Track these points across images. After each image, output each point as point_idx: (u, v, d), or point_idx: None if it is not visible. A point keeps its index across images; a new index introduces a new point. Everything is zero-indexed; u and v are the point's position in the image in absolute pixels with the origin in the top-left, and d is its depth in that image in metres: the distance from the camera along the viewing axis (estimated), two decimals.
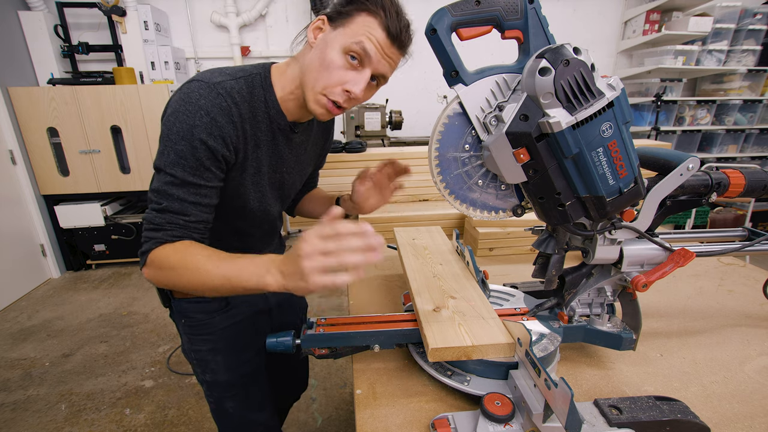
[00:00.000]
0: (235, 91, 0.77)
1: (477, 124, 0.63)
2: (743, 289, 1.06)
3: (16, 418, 1.91)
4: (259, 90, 0.82)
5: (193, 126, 0.72)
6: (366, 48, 0.73)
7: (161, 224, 0.73)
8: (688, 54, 3.72)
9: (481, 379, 0.67)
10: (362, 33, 0.73)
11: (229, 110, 0.75)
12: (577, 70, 0.54)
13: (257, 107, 0.81)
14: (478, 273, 0.88)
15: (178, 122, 0.72)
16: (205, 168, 0.74)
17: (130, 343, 2.47)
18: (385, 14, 0.73)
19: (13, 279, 3.07)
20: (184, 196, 0.73)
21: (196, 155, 0.73)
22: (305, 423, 1.83)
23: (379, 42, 0.74)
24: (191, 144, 0.72)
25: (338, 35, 0.75)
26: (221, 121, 0.74)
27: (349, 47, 0.73)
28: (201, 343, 1.01)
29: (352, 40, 0.73)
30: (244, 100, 0.79)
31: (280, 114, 0.84)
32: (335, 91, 0.76)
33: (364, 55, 0.74)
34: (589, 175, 0.58)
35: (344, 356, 0.75)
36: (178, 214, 0.74)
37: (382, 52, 0.75)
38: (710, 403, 0.66)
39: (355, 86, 0.75)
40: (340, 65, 0.75)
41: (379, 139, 3.37)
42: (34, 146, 3.16)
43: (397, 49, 0.76)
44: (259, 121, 0.83)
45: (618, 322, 0.74)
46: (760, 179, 0.72)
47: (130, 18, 3.32)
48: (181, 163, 0.72)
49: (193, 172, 0.73)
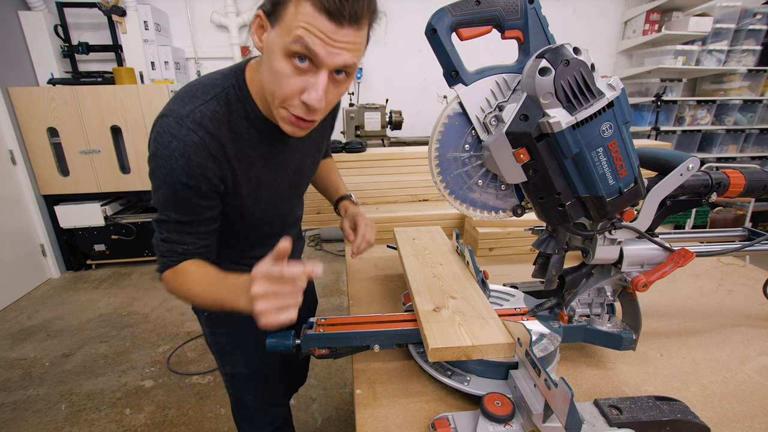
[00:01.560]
0: (207, 118, 0.70)
1: (477, 124, 0.63)
2: (743, 289, 1.06)
3: (16, 418, 1.91)
4: (236, 104, 0.74)
5: (171, 170, 0.69)
6: (307, 44, 0.59)
7: (164, 252, 0.77)
8: (688, 54, 3.72)
9: (481, 379, 0.67)
10: (298, 26, 0.58)
11: (203, 144, 0.70)
12: (577, 70, 0.54)
13: (238, 125, 0.75)
14: (478, 273, 0.88)
15: (157, 167, 0.70)
16: (194, 204, 0.74)
17: (130, 343, 2.47)
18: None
19: (13, 279, 3.07)
20: (180, 230, 0.76)
21: (182, 197, 0.72)
22: (305, 423, 1.83)
23: (322, 30, 0.58)
24: (174, 188, 0.71)
25: (276, 36, 0.62)
26: (197, 159, 0.70)
27: (289, 49, 0.60)
28: (222, 336, 1.02)
29: (289, 39, 0.59)
30: (222, 123, 0.72)
31: (265, 122, 0.78)
32: (294, 104, 0.66)
33: (310, 54, 0.60)
34: (589, 175, 0.58)
35: (344, 356, 0.75)
36: (177, 244, 0.77)
37: (330, 42, 0.59)
38: (710, 403, 0.66)
39: (310, 95, 0.63)
40: (288, 73, 0.62)
41: (379, 139, 3.38)
42: (34, 146, 3.16)
43: (348, 26, 0.59)
44: (244, 139, 0.76)
45: (618, 322, 0.74)
46: (760, 179, 0.72)
47: (130, 18, 3.32)
48: (170, 205, 0.73)
49: (183, 212, 0.74)
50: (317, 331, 0.73)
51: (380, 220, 1.47)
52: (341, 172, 1.68)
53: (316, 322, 0.76)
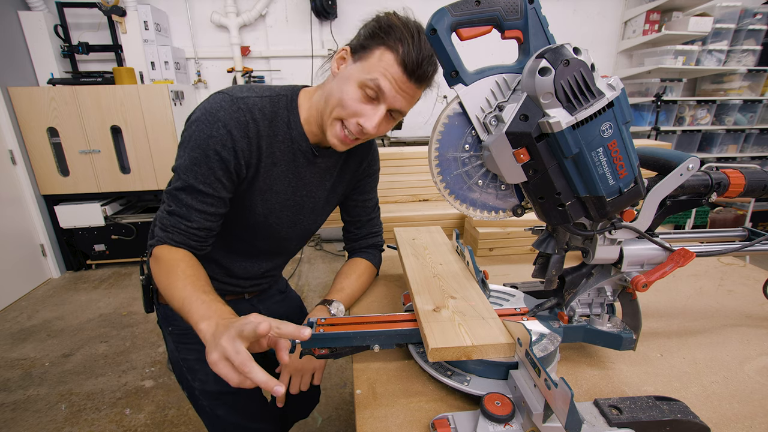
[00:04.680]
0: (257, 108, 0.80)
1: (477, 124, 0.63)
2: (743, 289, 1.06)
3: (16, 418, 1.91)
4: (283, 111, 0.84)
5: (209, 136, 0.75)
6: (380, 85, 0.74)
7: (167, 226, 0.79)
8: (688, 54, 3.72)
9: (481, 379, 0.67)
10: (378, 69, 0.73)
11: (246, 125, 0.78)
12: (577, 70, 0.54)
13: (279, 127, 0.84)
14: (478, 273, 0.88)
15: (197, 131, 0.76)
16: (216, 178, 0.78)
17: (130, 343, 2.47)
18: (403, 49, 0.73)
19: (13, 279, 3.07)
20: (191, 203, 0.78)
21: (209, 164, 0.77)
22: (305, 423, 1.83)
23: (395, 78, 0.74)
24: (205, 153, 0.76)
25: (357, 69, 0.76)
26: (236, 134, 0.77)
27: (365, 83, 0.74)
28: (188, 351, 1.01)
29: (368, 76, 0.74)
30: (265, 118, 0.81)
31: (302, 136, 0.86)
32: (350, 122, 0.78)
33: (379, 92, 0.75)
34: (589, 175, 0.58)
35: (344, 356, 0.75)
36: (182, 219, 0.79)
37: (397, 88, 0.75)
38: (710, 403, 0.66)
39: (368, 121, 0.77)
40: (356, 98, 0.76)
41: (379, 139, 3.38)
42: (34, 146, 3.16)
43: (414, 83, 0.76)
44: (278, 141, 0.84)
45: (618, 322, 0.74)
46: (760, 179, 0.72)
47: (130, 18, 3.32)
48: (194, 170, 0.77)
49: (203, 180, 0.78)
50: (317, 331, 0.73)
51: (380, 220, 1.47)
52: None
53: (316, 322, 0.76)
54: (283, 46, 3.89)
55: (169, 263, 0.76)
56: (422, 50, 0.73)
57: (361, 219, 1.08)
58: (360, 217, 1.08)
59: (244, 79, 3.75)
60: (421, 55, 0.73)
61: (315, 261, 3.72)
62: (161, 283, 0.76)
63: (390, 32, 0.74)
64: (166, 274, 0.75)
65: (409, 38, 0.73)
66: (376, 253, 1.11)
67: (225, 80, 3.90)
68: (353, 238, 1.10)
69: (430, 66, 0.75)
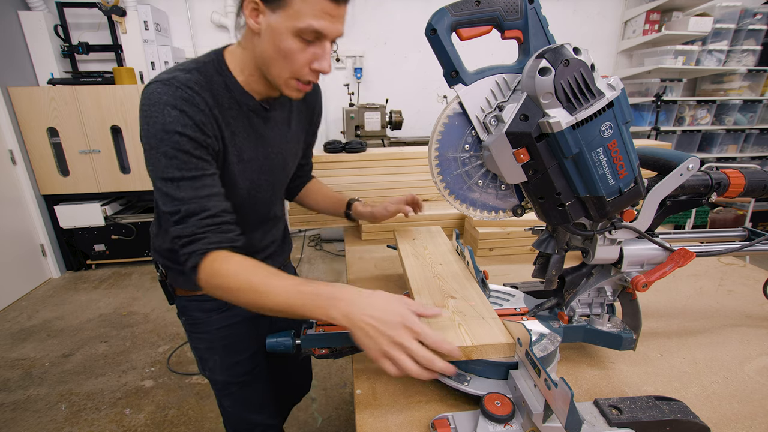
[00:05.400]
0: (192, 81, 0.74)
1: (477, 124, 0.63)
2: (743, 289, 1.06)
3: (16, 418, 1.91)
4: (216, 77, 0.79)
5: (165, 124, 0.70)
6: (316, 28, 0.69)
7: (194, 233, 0.71)
8: (688, 54, 3.72)
9: (481, 379, 0.67)
10: (307, 12, 0.68)
11: (191, 99, 0.73)
12: (577, 70, 0.54)
13: (219, 93, 0.79)
14: (478, 273, 0.88)
15: (151, 128, 0.70)
16: (196, 158, 0.73)
17: (130, 343, 2.47)
18: None
19: (13, 279, 3.07)
20: (193, 193, 0.72)
21: (182, 148, 0.71)
22: (305, 423, 1.83)
23: (326, 11, 0.69)
24: (171, 140, 0.70)
25: (282, 19, 0.69)
26: (189, 110, 0.72)
27: (299, 31, 0.69)
28: (198, 341, 1.02)
29: (300, 24, 0.69)
30: (203, 89, 0.76)
31: (246, 95, 0.82)
32: (303, 72, 0.75)
33: (318, 35, 0.71)
34: (589, 175, 0.58)
35: (344, 356, 0.75)
36: (199, 214, 0.72)
37: (332, 20, 0.71)
38: (710, 403, 0.66)
39: (322, 63, 0.74)
40: (298, 49, 0.72)
41: (379, 139, 3.38)
42: (34, 146, 3.16)
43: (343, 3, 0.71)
44: (226, 108, 0.80)
45: (618, 322, 0.74)
46: (760, 179, 0.72)
47: (130, 18, 3.32)
48: (173, 163, 0.71)
49: (187, 166, 0.71)
50: (317, 331, 0.73)
51: None
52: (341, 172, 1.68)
53: (316, 322, 0.76)
54: None
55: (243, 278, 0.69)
56: None
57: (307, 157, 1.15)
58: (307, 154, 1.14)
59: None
60: None
61: (315, 261, 3.72)
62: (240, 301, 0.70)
63: None
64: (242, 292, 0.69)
65: None
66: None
67: None
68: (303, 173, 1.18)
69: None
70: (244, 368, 1.05)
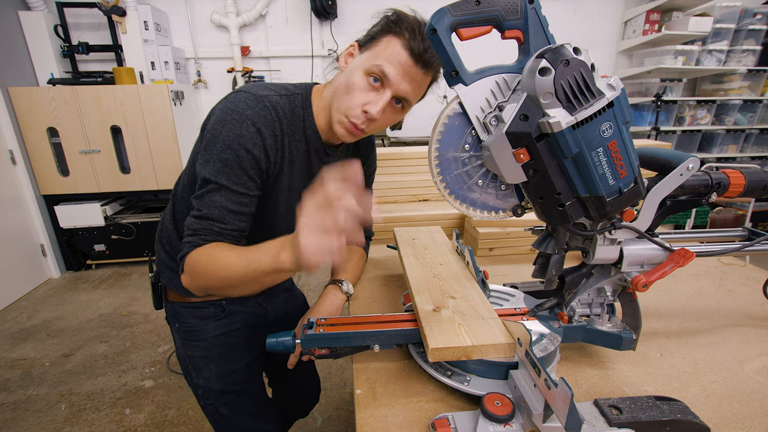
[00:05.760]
0: (279, 106, 0.80)
1: (477, 124, 0.63)
2: (743, 289, 1.06)
3: (16, 418, 1.91)
4: (299, 109, 0.85)
5: (239, 135, 0.74)
6: (384, 70, 0.75)
7: (197, 230, 0.75)
8: (688, 54, 3.72)
9: (481, 379, 0.67)
10: (384, 55, 0.75)
11: (273, 123, 0.78)
12: (577, 70, 0.54)
13: (296, 125, 0.84)
14: (478, 273, 0.88)
15: (224, 131, 0.74)
16: (249, 177, 0.77)
17: (130, 343, 2.47)
18: (410, 35, 0.74)
19: (13, 279, 3.07)
20: (224, 204, 0.76)
21: (240, 164, 0.75)
22: (305, 423, 1.83)
23: (401, 62, 0.75)
24: (236, 153, 0.74)
25: (364, 58, 0.78)
26: (265, 132, 0.77)
27: (370, 69, 0.76)
28: (194, 349, 1.01)
29: (373, 62, 0.75)
30: (286, 116, 0.82)
31: (315, 134, 0.87)
32: (355, 113, 0.78)
33: (383, 77, 0.76)
34: (589, 175, 0.58)
35: (344, 356, 0.75)
36: (215, 221, 0.75)
37: (403, 72, 0.75)
38: (710, 403, 0.66)
39: (372, 107, 0.77)
40: (362, 87, 0.77)
41: (379, 139, 3.38)
42: (34, 146, 3.16)
43: (421, 68, 0.76)
44: (296, 139, 0.85)
45: (618, 322, 0.74)
46: (760, 179, 0.72)
47: (130, 18, 3.32)
48: (226, 171, 0.75)
49: (236, 180, 0.76)
50: (317, 331, 0.73)
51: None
52: None
53: (316, 322, 0.76)
54: (283, 46, 3.89)
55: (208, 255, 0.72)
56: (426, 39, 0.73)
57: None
58: None
59: (244, 80, 3.75)
60: (426, 43, 0.74)
61: None
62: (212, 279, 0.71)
63: (398, 22, 0.76)
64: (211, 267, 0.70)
65: (416, 26, 0.75)
66: (367, 241, 1.19)
67: (225, 80, 3.90)
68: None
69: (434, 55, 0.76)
70: (242, 376, 1.04)
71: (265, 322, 1.09)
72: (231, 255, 0.70)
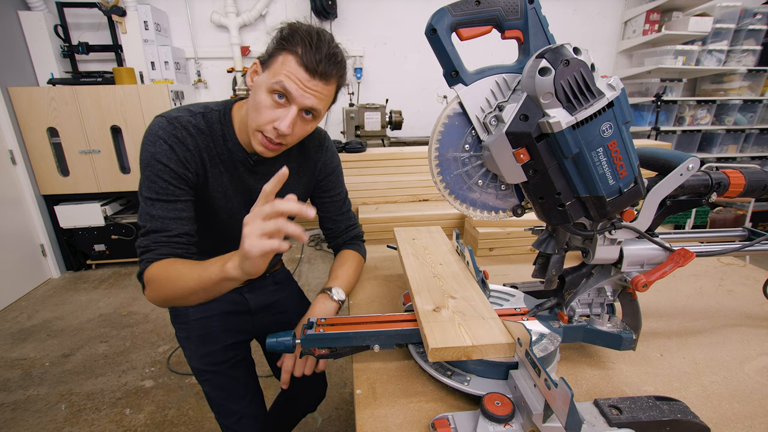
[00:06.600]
0: (192, 125, 0.88)
1: (477, 124, 0.63)
2: (743, 289, 1.06)
3: (16, 418, 1.91)
4: (217, 125, 0.91)
5: (154, 153, 0.83)
6: (286, 86, 0.79)
7: (148, 246, 0.82)
8: (688, 54, 3.72)
9: (481, 379, 0.67)
10: (282, 72, 0.79)
11: (184, 140, 0.86)
12: (577, 70, 0.54)
13: (215, 140, 0.91)
14: (478, 273, 0.88)
15: (143, 152, 0.84)
16: (174, 186, 0.85)
17: (130, 343, 2.47)
18: (303, 50, 0.78)
19: (13, 279, 3.07)
20: (163, 214, 0.83)
21: (162, 177, 0.83)
22: (305, 423, 1.83)
23: (299, 78, 0.79)
24: (155, 168, 0.83)
25: (264, 77, 0.82)
26: (177, 148, 0.85)
27: (271, 87, 0.80)
28: (179, 330, 1.14)
29: (273, 80, 0.79)
30: (201, 133, 0.89)
31: (237, 146, 0.93)
32: (267, 129, 0.83)
33: (286, 93, 0.80)
34: (589, 175, 0.58)
35: (344, 356, 0.75)
36: (160, 232, 0.82)
37: (303, 87, 0.79)
38: (710, 403, 0.66)
39: (281, 123, 0.81)
40: (268, 105, 0.81)
41: (379, 139, 3.38)
42: (34, 146, 3.16)
43: (319, 80, 0.80)
44: (218, 153, 0.92)
45: (618, 322, 0.74)
46: (760, 179, 0.72)
47: (130, 18, 3.32)
48: (152, 186, 0.83)
49: (164, 192, 0.84)
50: (317, 331, 0.73)
51: (380, 220, 1.47)
52: None
53: (315, 322, 0.76)
54: None
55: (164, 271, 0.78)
56: (321, 50, 0.79)
57: (332, 214, 1.15)
58: (331, 213, 1.14)
59: (244, 80, 3.75)
60: (320, 55, 0.78)
61: (315, 261, 3.72)
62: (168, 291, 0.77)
63: (290, 38, 0.79)
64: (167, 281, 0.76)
65: (308, 40, 0.78)
66: (359, 243, 1.19)
67: (225, 80, 3.90)
68: (334, 235, 1.17)
69: (331, 65, 0.80)
70: (219, 358, 1.11)
71: (245, 311, 1.17)
72: (184, 267, 0.76)
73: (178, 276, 0.75)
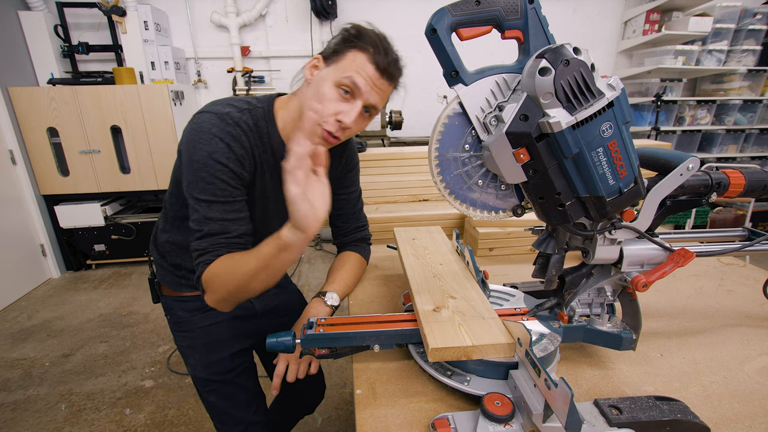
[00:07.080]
0: (242, 121, 0.85)
1: (477, 124, 0.63)
2: (743, 289, 1.06)
3: (16, 418, 1.91)
4: (262, 122, 0.89)
5: (212, 152, 0.80)
6: (356, 81, 0.80)
7: (206, 248, 0.80)
8: (688, 54, 3.72)
9: (481, 379, 0.67)
10: (352, 68, 0.80)
11: (239, 137, 0.84)
12: (577, 70, 0.54)
13: (261, 138, 0.89)
14: (478, 273, 0.88)
15: (196, 151, 0.80)
16: (232, 186, 0.83)
17: (130, 343, 2.47)
18: (374, 50, 0.80)
19: (13, 279, 3.07)
20: (221, 216, 0.81)
21: (220, 177, 0.81)
22: (305, 423, 1.83)
23: (369, 75, 0.81)
24: (213, 168, 0.80)
25: (331, 71, 0.82)
26: (234, 145, 0.82)
27: (341, 81, 0.81)
28: (181, 339, 1.09)
29: (343, 75, 0.80)
30: (250, 130, 0.87)
31: (281, 144, 0.91)
32: (329, 122, 0.82)
33: (354, 88, 0.81)
34: (589, 175, 0.58)
35: (344, 356, 0.75)
36: (219, 235, 0.80)
37: (371, 84, 0.81)
38: (710, 403, 0.66)
39: (346, 116, 0.82)
40: (333, 98, 0.82)
41: (379, 139, 3.38)
42: (34, 146, 3.16)
43: (386, 80, 0.83)
44: (263, 150, 0.90)
45: (618, 322, 0.74)
46: (760, 179, 0.72)
47: (130, 18, 3.32)
48: (209, 188, 0.80)
49: (222, 193, 0.81)
50: (317, 331, 0.73)
51: (380, 220, 1.47)
52: None
53: (315, 322, 0.76)
54: (283, 46, 3.89)
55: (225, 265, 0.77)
56: (389, 53, 0.82)
57: (346, 211, 1.13)
58: (345, 210, 1.13)
59: (244, 80, 3.76)
60: (390, 57, 0.82)
61: (315, 261, 3.72)
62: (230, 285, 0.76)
63: (360, 37, 0.81)
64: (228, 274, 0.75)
65: (378, 41, 0.81)
66: (365, 245, 1.17)
67: (225, 80, 3.90)
68: (341, 233, 1.16)
69: (397, 68, 0.84)
70: (225, 366, 1.08)
71: (252, 315, 1.14)
72: (240, 256, 0.76)
73: (237, 264, 0.75)
